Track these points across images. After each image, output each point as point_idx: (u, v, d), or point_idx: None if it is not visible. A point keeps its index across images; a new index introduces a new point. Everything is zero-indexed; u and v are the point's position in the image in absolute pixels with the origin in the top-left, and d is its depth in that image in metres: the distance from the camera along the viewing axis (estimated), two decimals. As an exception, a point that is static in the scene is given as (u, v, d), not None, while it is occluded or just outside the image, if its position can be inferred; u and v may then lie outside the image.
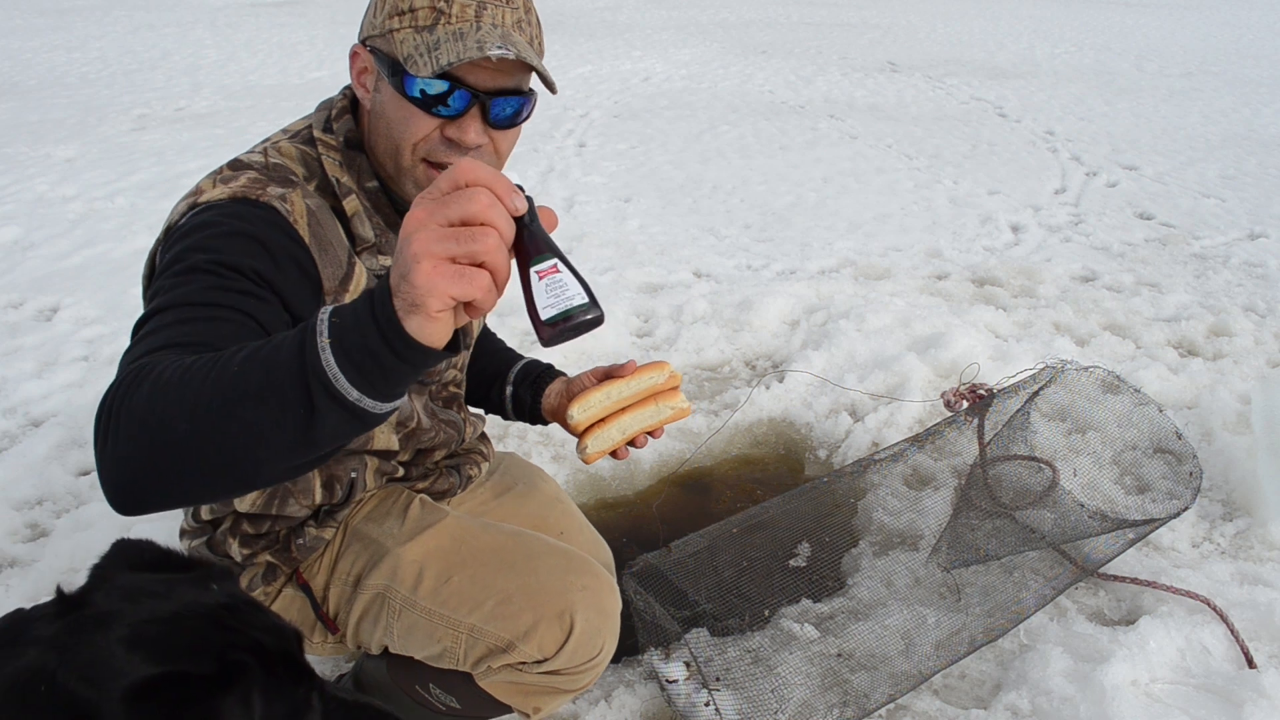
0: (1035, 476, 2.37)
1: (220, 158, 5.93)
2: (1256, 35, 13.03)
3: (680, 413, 1.51)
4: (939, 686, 1.87)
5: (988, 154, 6.48)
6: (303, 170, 1.26)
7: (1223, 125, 7.40)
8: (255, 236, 1.13)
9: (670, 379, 1.51)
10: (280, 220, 1.17)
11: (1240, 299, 3.92)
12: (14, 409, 2.96)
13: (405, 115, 1.22)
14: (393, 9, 1.20)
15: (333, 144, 1.29)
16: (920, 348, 3.17)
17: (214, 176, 1.22)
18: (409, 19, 1.19)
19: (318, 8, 14.21)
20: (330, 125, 1.31)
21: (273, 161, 1.25)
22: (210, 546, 1.43)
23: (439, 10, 1.18)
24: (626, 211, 5.14)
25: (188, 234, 1.13)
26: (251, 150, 1.29)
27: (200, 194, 1.18)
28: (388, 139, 1.25)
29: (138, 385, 0.89)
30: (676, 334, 3.43)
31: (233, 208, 1.15)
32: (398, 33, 1.19)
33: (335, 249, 1.24)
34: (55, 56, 9.72)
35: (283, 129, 1.35)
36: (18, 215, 4.84)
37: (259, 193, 1.17)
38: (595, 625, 1.38)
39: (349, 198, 1.27)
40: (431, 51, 1.16)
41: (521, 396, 1.67)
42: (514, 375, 1.70)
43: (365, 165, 1.30)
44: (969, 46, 11.59)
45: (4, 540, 2.31)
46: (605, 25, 12.95)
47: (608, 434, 1.46)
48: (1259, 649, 1.88)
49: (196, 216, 1.15)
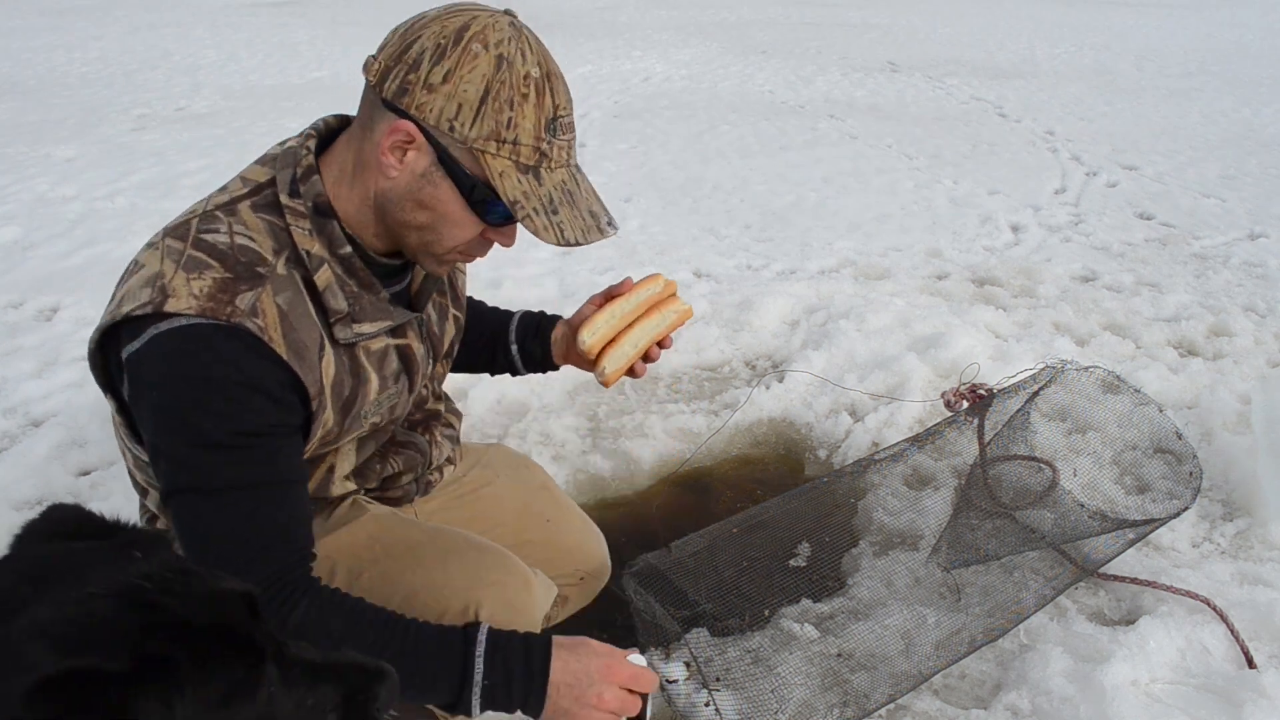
0: (1035, 476, 2.37)
1: (220, 158, 5.94)
2: (1256, 35, 13.03)
3: (683, 315, 1.55)
4: (939, 686, 1.87)
5: (988, 154, 6.48)
6: (271, 244, 1.21)
7: (1223, 125, 7.40)
8: (251, 386, 1.16)
9: (667, 286, 1.56)
10: (258, 346, 1.16)
11: (1240, 299, 3.92)
12: (14, 409, 2.96)
13: (462, 219, 1.23)
14: (492, 133, 1.16)
15: (301, 211, 1.22)
16: (920, 348, 3.17)
17: (177, 260, 1.17)
18: (509, 150, 1.17)
19: (318, 8, 14.21)
20: (296, 188, 1.23)
21: (239, 243, 1.19)
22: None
23: (542, 153, 1.20)
24: (626, 211, 5.14)
25: (178, 385, 1.14)
26: (216, 209, 1.23)
27: (166, 295, 1.14)
28: (424, 229, 1.25)
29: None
30: (676, 334, 3.42)
31: (211, 345, 1.14)
32: (494, 158, 1.17)
33: (309, 350, 1.22)
34: (55, 56, 9.72)
35: (242, 178, 1.27)
36: (18, 215, 4.84)
37: (229, 309, 1.14)
38: (502, 620, 1.32)
39: (320, 270, 1.23)
40: (550, 214, 1.20)
41: (530, 349, 1.69)
42: (514, 332, 1.71)
43: (337, 232, 1.24)
44: (969, 46, 11.59)
45: (4, 540, 2.30)
46: (605, 25, 12.95)
47: (621, 350, 1.50)
48: (1259, 649, 1.88)
49: (177, 357, 1.14)
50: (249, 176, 1.27)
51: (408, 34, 1.18)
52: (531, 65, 1.17)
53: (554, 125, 1.20)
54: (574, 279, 4.05)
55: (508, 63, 1.15)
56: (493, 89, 1.15)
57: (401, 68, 1.16)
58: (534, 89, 1.17)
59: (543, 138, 1.19)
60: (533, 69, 1.17)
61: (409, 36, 1.17)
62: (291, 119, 7.09)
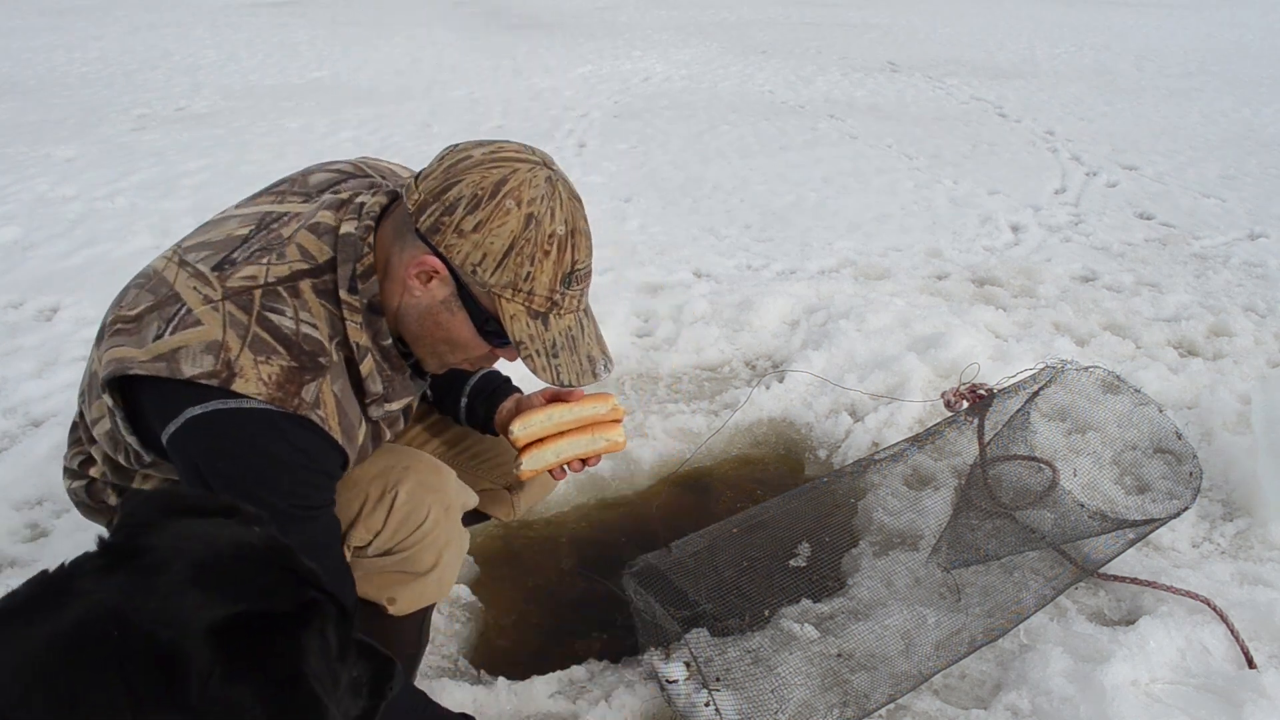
0: (1035, 476, 2.37)
1: (220, 158, 5.94)
2: (1256, 35, 13.03)
3: (613, 445, 1.63)
4: (939, 686, 1.86)
5: (988, 154, 6.48)
6: (328, 331, 1.33)
7: (1223, 125, 7.40)
8: (316, 469, 1.32)
9: (613, 411, 1.62)
10: (322, 434, 1.31)
11: (1240, 299, 3.92)
12: (14, 409, 2.96)
13: (472, 343, 1.37)
14: (510, 282, 1.28)
15: (357, 306, 1.33)
16: (920, 348, 3.17)
17: (242, 336, 1.25)
18: (524, 298, 1.29)
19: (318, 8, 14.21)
20: (355, 285, 1.33)
21: (304, 331, 1.30)
22: (89, 492, 1.56)
23: (554, 302, 1.31)
24: (626, 211, 5.14)
25: (248, 461, 1.27)
26: (280, 285, 1.31)
27: (234, 373, 1.23)
28: (437, 342, 1.38)
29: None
30: (676, 334, 3.43)
31: (280, 431, 1.27)
32: (508, 302, 1.29)
33: (354, 429, 1.38)
34: (55, 56, 9.72)
35: (301, 248, 1.34)
36: (18, 215, 4.84)
37: (296, 401, 1.27)
38: (418, 496, 1.45)
39: (365, 359, 1.36)
40: (550, 358, 1.33)
41: (475, 409, 1.76)
42: (470, 388, 1.77)
43: (383, 328, 1.37)
44: (969, 46, 11.59)
45: (4, 540, 2.31)
46: (605, 25, 12.95)
47: (543, 455, 1.58)
48: (1259, 649, 1.88)
49: (248, 438, 1.25)
50: (306, 246, 1.34)
51: (450, 173, 1.27)
52: (559, 224, 1.28)
53: (570, 279, 1.31)
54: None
55: (536, 221, 1.26)
56: (518, 245, 1.26)
57: (438, 207, 1.26)
58: (556, 247, 1.28)
59: (557, 290, 1.31)
60: (559, 227, 1.28)
61: (451, 177, 1.27)
62: (291, 119, 7.09)
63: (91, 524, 2.29)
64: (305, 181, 1.46)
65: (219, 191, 5.23)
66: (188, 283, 1.30)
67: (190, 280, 1.30)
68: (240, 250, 1.34)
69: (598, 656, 2.02)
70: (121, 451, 1.43)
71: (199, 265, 1.32)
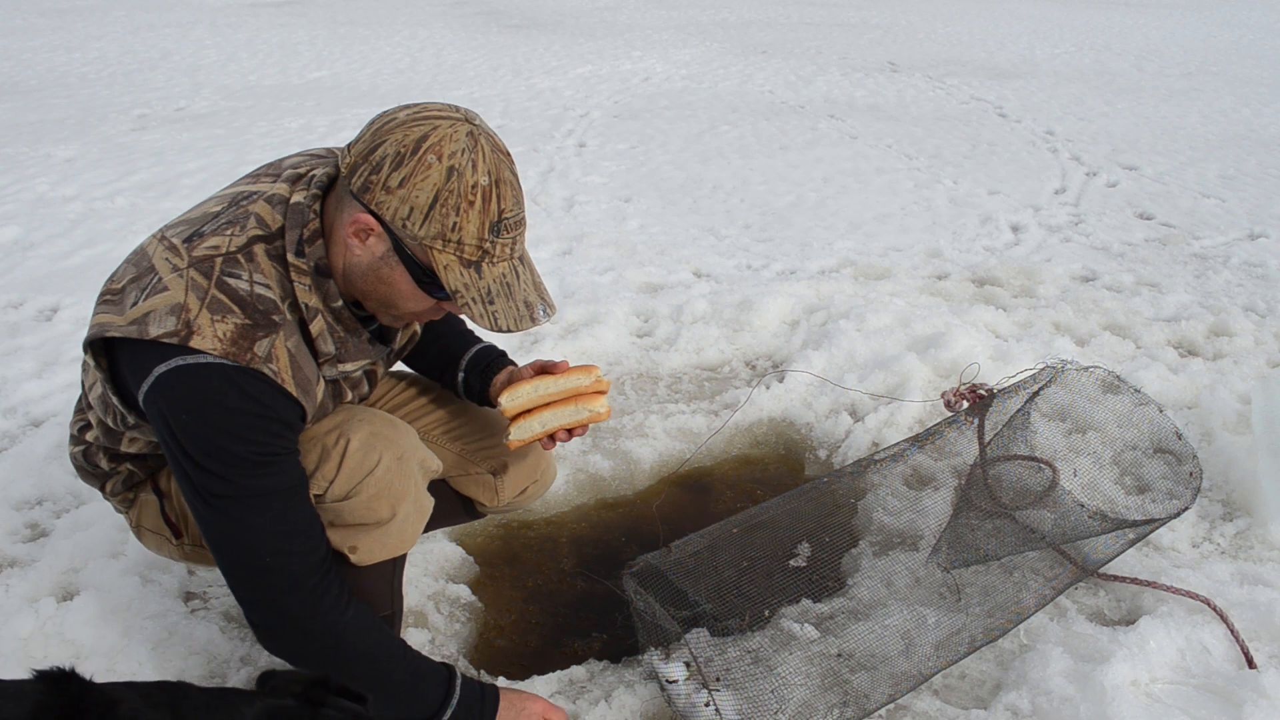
0: (1035, 476, 2.37)
1: (220, 158, 5.95)
2: (1256, 35, 13.03)
3: (596, 416, 1.70)
4: (939, 686, 1.87)
5: (988, 154, 6.48)
6: (279, 291, 1.42)
7: (1223, 125, 7.40)
8: (271, 417, 1.38)
9: (596, 383, 1.70)
10: (278, 393, 1.39)
11: (1240, 299, 3.92)
12: (14, 409, 2.96)
13: (414, 295, 1.43)
14: (438, 233, 1.34)
15: (304, 269, 1.42)
16: (920, 348, 3.17)
17: (201, 297, 1.35)
18: (454, 248, 1.36)
19: (318, 8, 14.21)
20: (302, 249, 1.41)
21: (258, 291, 1.39)
22: (85, 456, 1.67)
23: (485, 250, 1.37)
24: (626, 211, 5.14)
25: (208, 413, 1.34)
26: (238, 251, 1.40)
27: (191, 330, 1.33)
28: (384, 298, 1.45)
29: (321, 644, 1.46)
30: (676, 334, 3.43)
31: (234, 383, 1.35)
32: (439, 253, 1.36)
33: (311, 385, 1.45)
34: (55, 56, 9.72)
35: (258, 217, 1.43)
36: (18, 215, 4.84)
37: (248, 356, 1.35)
38: (369, 444, 1.53)
39: (315, 319, 1.44)
40: (486, 304, 1.39)
41: (471, 382, 1.86)
42: (465, 362, 1.87)
43: (332, 289, 1.44)
44: (969, 46, 11.59)
45: (4, 540, 2.31)
46: (605, 25, 12.95)
47: (529, 425, 1.68)
48: (1259, 649, 1.88)
49: (205, 391, 1.34)
50: (263, 215, 1.43)
51: (377, 135, 1.35)
52: (481, 175, 1.34)
53: (499, 227, 1.37)
54: (574, 279, 4.06)
55: (458, 173, 1.32)
56: (441, 197, 1.33)
57: (366, 167, 1.34)
58: (480, 196, 1.34)
59: (486, 238, 1.36)
60: (482, 178, 1.34)
61: (377, 138, 1.34)
62: (292, 119, 7.09)
63: (93, 524, 2.32)
64: (280, 165, 1.55)
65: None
66: (162, 255, 1.41)
67: (165, 253, 1.41)
68: (210, 224, 1.44)
69: (598, 656, 2.02)
70: (111, 414, 1.53)
71: (173, 239, 1.43)
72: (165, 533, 1.72)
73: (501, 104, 7.75)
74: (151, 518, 1.72)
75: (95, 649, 1.90)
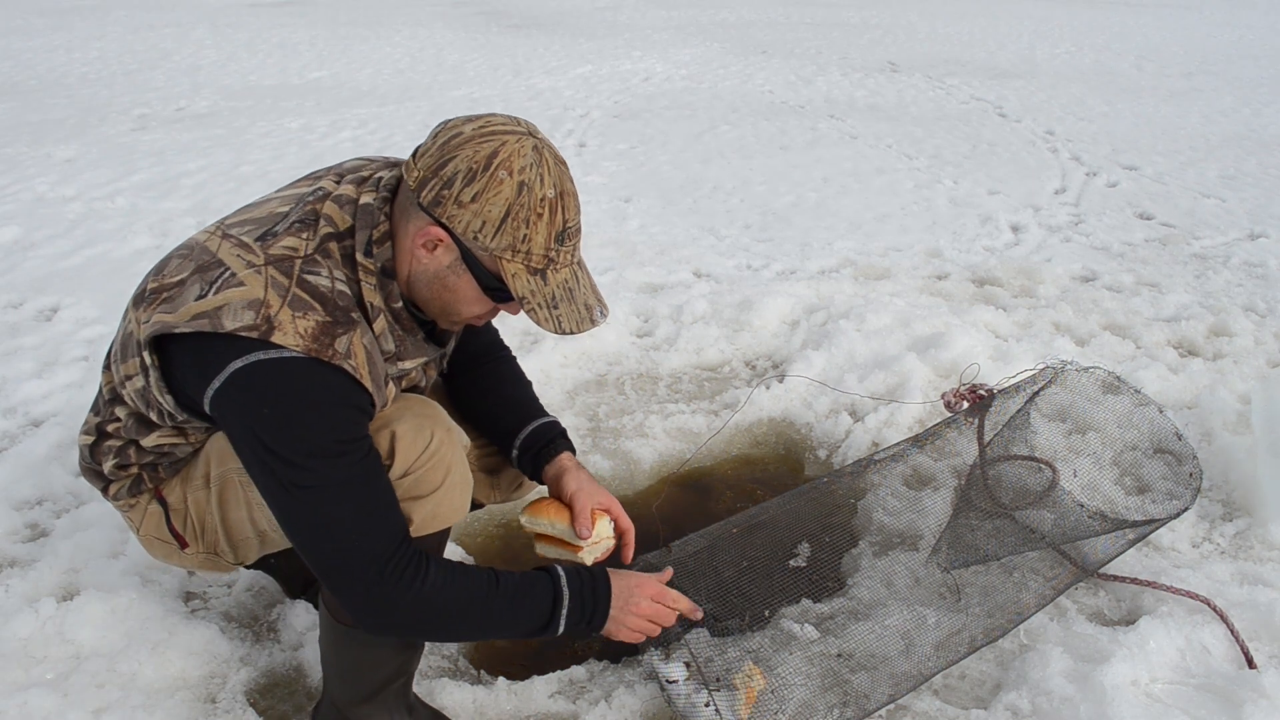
0: (1035, 477, 2.37)
1: (220, 158, 5.95)
2: (1256, 35, 13.03)
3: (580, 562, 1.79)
4: (939, 686, 1.87)
5: (988, 154, 6.48)
6: (351, 289, 1.47)
7: (1223, 125, 7.40)
8: (349, 404, 1.42)
9: (606, 542, 1.78)
10: (355, 385, 1.42)
11: (1240, 299, 3.92)
12: (14, 409, 2.97)
13: (477, 300, 1.49)
14: (509, 244, 1.40)
15: (371, 269, 1.46)
16: (920, 348, 3.17)
17: (283, 294, 1.38)
18: (523, 257, 1.42)
19: (318, 8, 14.21)
20: (371, 249, 1.46)
21: (338, 289, 1.44)
22: (91, 452, 1.66)
23: (550, 259, 1.43)
24: (626, 211, 5.14)
25: (291, 406, 1.37)
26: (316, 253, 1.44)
27: (273, 326, 1.35)
28: (446, 304, 1.50)
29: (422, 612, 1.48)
30: (676, 334, 3.43)
31: (318, 376, 1.38)
32: (509, 263, 1.42)
33: (382, 380, 1.49)
34: (55, 56, 9.73)
35: (328, 218, 1.47)
36: (18, 215, 4.84)
37: (330, 353, 1.38)
38: (416, 425, 1.55)
39: (378, 319, 1.49)
40: (551, 309, 1.45)
41: (524, 464, 1.89)
42: (521, 440, 1.88)
43: (395, 290, 1.49)
44: (969, 46, 11.59)
45: (4, 540, 2.31)
46: (605, 25, 12.95)
47: (537, 545, 1.84)
48: (1259, 649, 1.88)
49: (288, 383, 1.37)
50: (332, 216, 1.48)
51: (445, 149, 1.39)
52: (548, 188, 1.40)
53: (563, 236, 1.43)
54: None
55: (528, 188, 1.38)
56: (513, 211, 1.38)
57: (437, 182, 1.38)
58: (548, 209, 1.40)
59: (551, 247, 1.43)
60: (549, 191, 1.40)
61: (446, 153, 1.38)
62: (292, 119, 7.09)
63: (93, 524, 2.32)
64: (341, 167, 1.59)
65: (219, 191, 5.24)
66: (231, 251, 1.43)
67: (234, 249, 1.43)
68: (281, 224, 1.47)
69: (598, 656, 2.02)
70: (154, 409, 1.53)
71: (243, 237, 1.45)
72: (172, 544, 1.72)
73: (501, 104, 7.75)
74: (157, 528, 1.72)
75: (95, 649, 1.90)
